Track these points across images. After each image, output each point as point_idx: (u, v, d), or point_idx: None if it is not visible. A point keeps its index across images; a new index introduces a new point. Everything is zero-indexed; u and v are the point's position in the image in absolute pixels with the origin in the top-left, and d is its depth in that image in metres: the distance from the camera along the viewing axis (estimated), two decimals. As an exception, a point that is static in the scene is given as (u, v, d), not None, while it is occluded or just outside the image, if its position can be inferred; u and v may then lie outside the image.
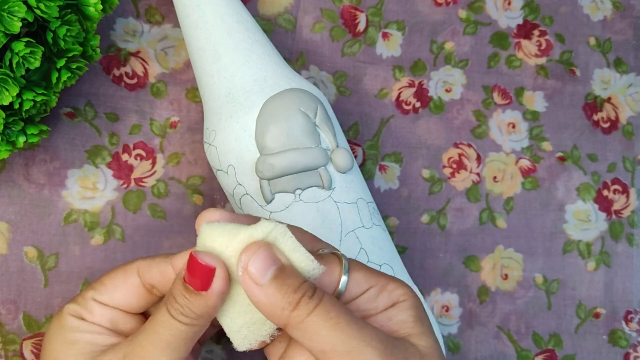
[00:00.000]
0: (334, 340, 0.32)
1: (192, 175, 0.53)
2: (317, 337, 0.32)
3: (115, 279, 0.38)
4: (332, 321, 0.32)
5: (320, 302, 0.32)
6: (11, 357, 0.49)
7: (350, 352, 0.31)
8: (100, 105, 0.51)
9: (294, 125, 0.44)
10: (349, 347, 0.31)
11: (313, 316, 0.32)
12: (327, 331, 0.32)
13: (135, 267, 0.37)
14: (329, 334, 0.32)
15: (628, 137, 0.61)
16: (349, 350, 0.31)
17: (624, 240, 0.60)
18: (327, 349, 0.32)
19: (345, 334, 0.32)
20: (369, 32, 0.56)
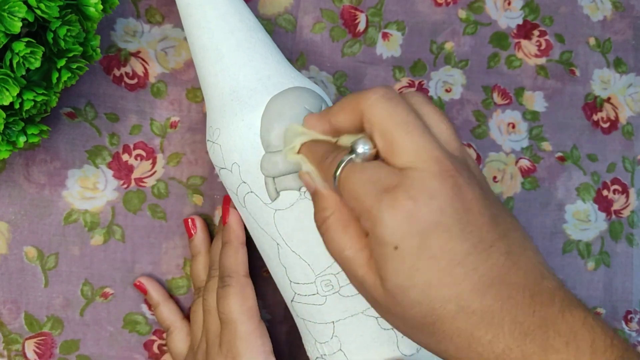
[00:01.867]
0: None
1: (193, 175, 0.53)
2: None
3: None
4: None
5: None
6: (14, 356, 0.49)
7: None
8: (100, 105, 0.51)
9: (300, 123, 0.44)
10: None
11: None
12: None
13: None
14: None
15: (628, 137, 0.61)
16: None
17: (623, 240, 0.60)
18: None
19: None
20: (369, 33, 0.56)
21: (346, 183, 0.35)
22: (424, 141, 0.33)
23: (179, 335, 0.50)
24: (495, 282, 0.32)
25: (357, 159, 0.35)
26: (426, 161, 0.33)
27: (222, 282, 0.46)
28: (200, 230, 0.51)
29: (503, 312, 0.32)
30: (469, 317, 0.32)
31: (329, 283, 0.44)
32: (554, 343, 0.31)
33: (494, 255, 0.33)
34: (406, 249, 0.32)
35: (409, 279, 0.32)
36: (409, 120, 0.34)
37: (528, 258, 0.34)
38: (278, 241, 0.45)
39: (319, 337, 0.45)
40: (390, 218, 0.32)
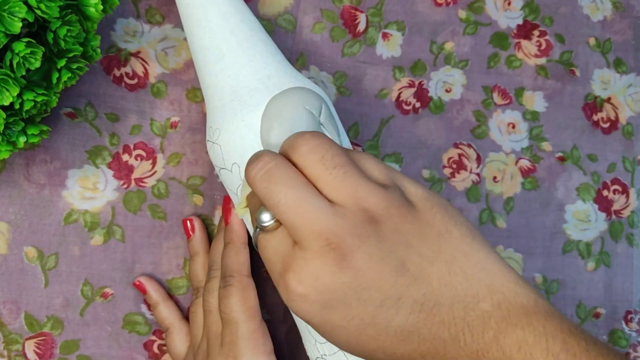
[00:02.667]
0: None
1: (193, 176, 0.53)
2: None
3: None
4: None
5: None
6: (14, 357, 0.49)
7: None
8: (100, 105, 0.51)
9: (299, 123, 0.44)
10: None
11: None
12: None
13: None
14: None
15: (628, 138, 0.61)
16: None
17: (623, 240, 0.60)
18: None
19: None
20: (369, 33, 0.56)
21: (260, 251, 0.37)
22: (301, 215, 0.33)
23: (178, 336, 0.50)
24: (415, 329, 0.33)
25: (263, 230, 0.36)
26: (307, 238, 0.33)
27: (224, 282, 0.46)
28: (198, 230, 0.51)
29: (431, 352, 0.32)
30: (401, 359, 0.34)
31: None
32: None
33: (405, 307, 0.33)
34: (316, 324, 0.34)
35: (334, 341, 0.34)
36: (280, 200, 0.33)
37: (453, 288, 0.33)
38: (278, 241, 0.45)
39: (319, 337, 0.45)
40: (290, 302, 0.34)
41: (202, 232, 0.52)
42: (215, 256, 0.49)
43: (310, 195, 0.33)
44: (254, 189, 0.35)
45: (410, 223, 0.34)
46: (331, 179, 0.34)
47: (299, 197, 0.33)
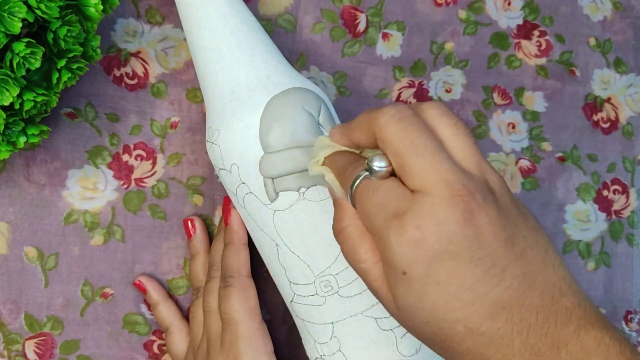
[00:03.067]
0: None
1: (193, 176, 0.53)
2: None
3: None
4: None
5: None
6: (14, 357, 0.49)
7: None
8: (100, 105, 0.51)
9: (298, 124, 0.44)
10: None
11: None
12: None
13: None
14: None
15: (628, 137, 0.61)
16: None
17: (623, 240, 0.60)
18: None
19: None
20: (369, 33, 0.56)
21: (360, 201, 0.35)
22: (435, 163, 0.33)
23: (178, 336, 0.50)
24: (507, 306, 0.32)
25: (372, 176, 0.35)
26: (436, 185, 0.32)
27: (225, 283, 0.46)
28: (199, 230, 0.52)
29: (514, 333, 0.32)
30: (477, 338, 0.32)
31: (328, 284, 0.44)
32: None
33: (507, 278, 0.32)
34: (414, 275, 0.32)
35: (417, 301, 0.33)
36: (419, 142, 0.33)
37: (546, 277, 0.33)
38: (277, 242, 0.45)
39: (319, 337, 0.45)
40: (397, 245, 0.32)
41: (202, 232, 0.52)
42: (215, 256, 0.49)
43: (444, 151, 0.34)
44: (386, 132, 0.34)
45: (516, 209, 0.34)
46: (462, 144, 0.35)
47: (436, 146, 0.33)
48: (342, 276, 0.44)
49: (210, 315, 0.47)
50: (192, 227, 0.52)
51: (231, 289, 0.46)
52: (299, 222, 0.44)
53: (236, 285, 0.46)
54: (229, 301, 0.45)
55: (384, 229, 0.33)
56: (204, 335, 0.48)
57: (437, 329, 0.33)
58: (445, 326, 0.33)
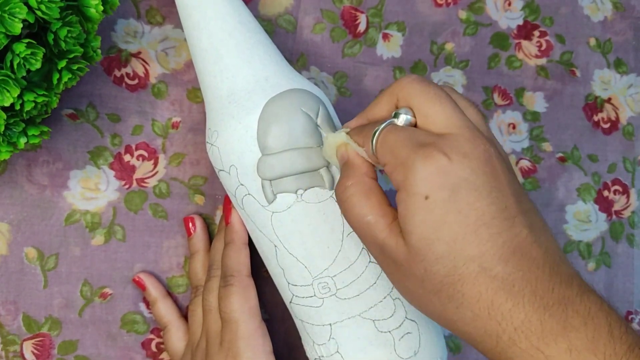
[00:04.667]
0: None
1: (194, 176, 0.53)
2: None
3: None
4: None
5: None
6: (12, 357, 0.49)
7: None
8: (101, 106, 0.51)
9: (296, 126, 0.44)
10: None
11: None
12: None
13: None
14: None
15: (628, 138, 0.61)
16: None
17: (624, 240, 0.60)
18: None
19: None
20: (370, 33, 0.56)
21: (384, 139, 0.37)
22: (457, 112, 0.36)
23: (176, 334, 0.50)
24: (517, 252, 0.33)
25: (397, 123, 0.37)
26: (460, 127, 0.35)
27: (225, 282, 0.46)
28: (199, 229, 0.52)
29: (523, 282, 0.32)
30: (490, 281, 0.33)
31: (326, 285, 0.44)
32: (573, 322, 0.32)
33: (517, 225, 0.34)
34: (436, 200, 0.33)
35: (436, 231, 0.33)
36: (441, 95, 0.36)
37: (548, 239, 0.35)
38: (275, 243, 0.45)
39: (317, 338, 0.45)
40: (423, 169, 0.34)
41: (203, 231, 0.52)
42: (215, 255, 0.49)
43: (458, 106, 0.37)
44: (411, 88, 0.37)
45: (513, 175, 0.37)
46: (470, 107, 0.38)
47: (452, 100, 0.37)
48: (340, 278, 0.44)
49: (210, 314, 0.47)
50: (193, 225, 0.52)
51: (231, 289, 0.46)
52: (297, 223, 0.44)
53: (236, 285, 0.46)
54: (229, 300, 0.46)
55: (410, 156, 0.34)
56: (203, 333, 0.48)
57: (452, 267, 0.33)
58: (460, 263, 0.33)
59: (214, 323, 0.47)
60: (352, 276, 0.44)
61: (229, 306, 0.46)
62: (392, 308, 0.45)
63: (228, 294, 0.46)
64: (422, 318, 0.46)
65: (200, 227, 0.52)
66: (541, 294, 0.32)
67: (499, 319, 0.33)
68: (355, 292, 0.44)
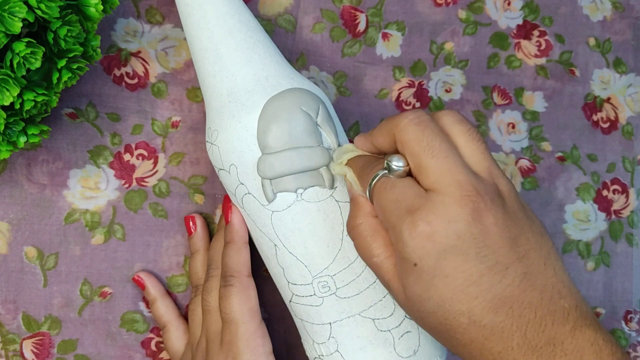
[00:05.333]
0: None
1: (194, 175, 0.53)
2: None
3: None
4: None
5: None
6: (11, 356, 0.50)
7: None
8: (101, 105, 0.51)
9: (296, 125, 0.44)
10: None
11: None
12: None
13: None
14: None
15: (627, 137, 0.61)
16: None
17: (623, 240, 0.60)
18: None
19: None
20: (369, 33, 0.56)
21: (377, 197, 0.37)
22: (449, 165, 0.36)
23: (175, 333, 0.50)
24: (508, 302, 0.34)
25: (390, 174, 0.38)
26: (449, 185, 0.35)
27: (225, 282, 0.47)
28: (199, 228, 0.52)
29: (513, 328, 0.34)
30: (480, 330, 0.35)
31: (325, 285, 0.44)
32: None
33: (510, 276, 0.35)
34: (424, 267, 0.35)
35: (426, 291, 0.35)
36: (435, 145, 0.36)
37: (546, 278, 0.35)
38: (275, 242, 0.45)
39: (317, 337, 0.45)
40: (410, 238, 0.35)
41: (203, 230, 0.52)
42: (214, 255, 0.49)
43: (457, 154, 0.37)
44: (405, 134, 0.37)
45: (522, 212, 0.37)
46: (474, 150, 0.37)
47: (450, 149, 0.36)
48: (339, 277, 0.44)
49: (210, 314, 0.47)
50: (193, 224, 0.52)
51: (231, 289, 0.46)
52: (297, 222, 0.44)
53: (236, 285, 0.46)
54: (229, 301, 0.46)
55: (398, 223, 0.35)
56: (203, 333, 0.48)
57: (443, 319, 0.35)
58: (450, 317, 0.35)
59: (213, 323, 0.47)
60: (352, 275, 0.44)
61: (229, 306, 0.46)
62: (391, 307, 0.45)
63: (228, 294, 0.46)
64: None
65: (200, 226, 0.52)
66: (530, 337, 0.34)
67: (491, 359, 0.35)
68: (354, 291, 0.44)
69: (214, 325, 0.47)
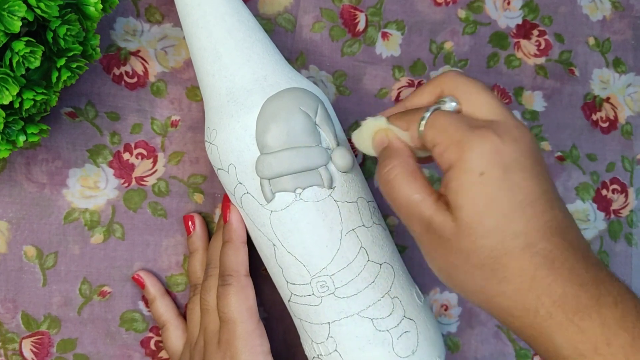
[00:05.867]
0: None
1: (194, 174, 0.53)
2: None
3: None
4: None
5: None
6: (10, 356, 0.50)
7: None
8: (101, 104, 0.51)
9: (295, 125, 0.44)
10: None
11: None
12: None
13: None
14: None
15: (627, 137, 0.61)
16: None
17: (622, 239, 0.60)
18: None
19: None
20: (369, 32, 0.56)
21: (434, 121, 0.38)
22: (500, 102, 0.38)
23: (174, 332, 0.50)
24: (557, 232, 0.35)
25: (444, 109, 0.39)
26: (506, 116, 0.38)
27: (223, 281, 0.47)
28: (199, 227, 0.52)
29: (562, 259, 0.35)
30: (533, 256, 0.35)
31: (324, 284, 0.44)
32: (605, 299, 0.34)
33: (556, 208, 0.36)
34: (490, 177, 0.35)
35: (488, 206, 0.35)
36: (485, 87, 0.39)
37: (577, 233, 0.37)
38: (274, 242, 0.45)
39: (315, 337, 0.45)
40: (480, 147, 0.36)
41: (202, 229, 0.52)
42: (213, 254, 0.49)
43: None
44: (458, 78, 0.39)
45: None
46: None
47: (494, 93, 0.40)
48: (338, 277, 0.44)
49: (208, 314, 0.47)
50: (192, 224, 0.52)
51: (229, 288, 0.46)
52: (296, 222, 0.44)
53: (235, 285, 0.46)
54: (227, 300, 0.46)
55: (465, 135, 0.36)
56: (201, 333, 0.48)
57: (499, 240, 0.35)
58: (507, 237, 0.35)
59: (211, 322, 0.47)
60: (351, 275, 0.44)
61: (227, 306, 0.46)
62: (390, 307, 0.45)
63: (226, 293, 0.46)
64: (420, 317, 0.46)
65: (199, 226, 0.52)
66: (577, 272, 0.35)
67: (539, 292, 0.35)
68: (353, 291, 0.44)
69: (212, 324, 0.47)
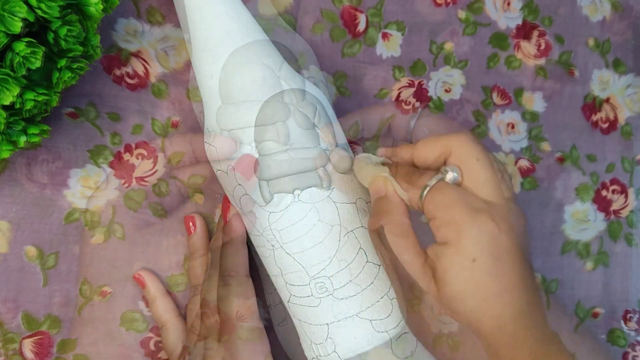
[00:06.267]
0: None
1: (193, 175, 0.53)
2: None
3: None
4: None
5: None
6: (11, 355, 0.50)
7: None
8: (101, 105, 0.51)
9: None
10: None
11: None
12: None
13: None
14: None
15: (627, 138, 0.61)
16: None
17: (622, 240, 0.60)
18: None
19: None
20: (369, 33, 0.56)
21: (438, 194, 0.39)
22: (501, 183, 0.39)
23: (174, 332, 0.50)
24: (525, 315, 0.38)
25: (447, 180, 0.40)
26: (504, 199, 0.39)
27: (223, 282, 0.47)
28: (199, 228, 0.52)
29: (523, 339, 0.38)
30: (502, 337, 0.38)
31: (322, 286, 0.44)
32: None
33: (529, 293, 0.38)
34: (481, 264, 0.37)
35: (473, 290, 0.38)
36: (491, 164, 0.40)
37: (540, 310, 0.40)
38: (273, 243, 0.45)
39: (314, 338, 0.45)
40: (477, 235, 0.37)
41: (203, 230, 0.52)
42: (213, 255, 0.49)
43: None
44: (464, 150, 0.40)
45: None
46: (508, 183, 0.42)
47: (496, 170, 0.40)
48: (337, 278, 0.44)
49: (208, 314, 0.47)
50: (193, 224, 0.52)
51: (229, 289, 0.46)
52: (293, 223, 0.44)
53: (235, 285, 0.46)
54: (227, 300, 0.46)
55: (465, 218, 0.38)
56: (201, 333, 0.48)
57: (476, 319, 0.38)
58: (484, 319, 0.38)
59: (212, 322, 0.47)
60: (349, 276, 0.44)
61: (227, 306, 0.46)
62: (389, 308, 0.45)
63: (226, 293, 0.46)
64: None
65: (200, 227, 0.52)
66: (534, 350, 0.38)
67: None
68: (352, 293, 0.44)
69: (212, 325, 0.47)
